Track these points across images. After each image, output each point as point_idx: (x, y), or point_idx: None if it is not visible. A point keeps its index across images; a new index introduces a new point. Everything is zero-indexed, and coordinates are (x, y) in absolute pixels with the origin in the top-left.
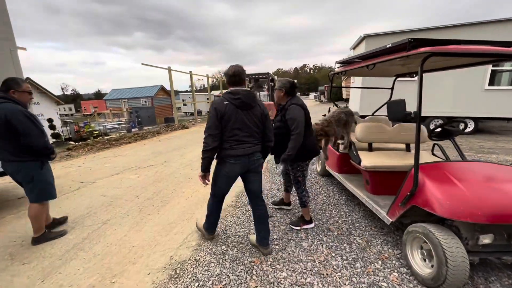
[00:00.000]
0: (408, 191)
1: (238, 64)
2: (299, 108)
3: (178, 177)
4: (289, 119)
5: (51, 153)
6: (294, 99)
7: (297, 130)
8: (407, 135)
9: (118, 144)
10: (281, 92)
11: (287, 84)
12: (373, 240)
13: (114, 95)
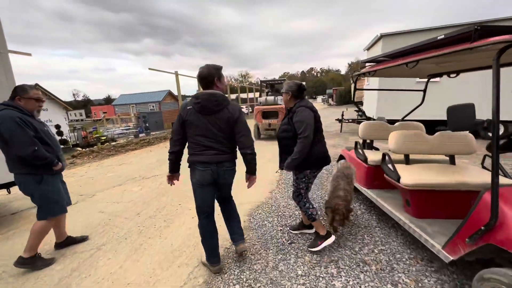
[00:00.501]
0: (481, 223)
1: (207, 65)
2: (308, 110)
3: (185, 190)
4: (296, 121)
5: (50, 164)
6: (303, 102)
7: (305, 134)
8: (451, 145)
9: (124, 150)
10: (288, 96)
11: (294, 87)
12: (423, 279)
13: (122, 101)
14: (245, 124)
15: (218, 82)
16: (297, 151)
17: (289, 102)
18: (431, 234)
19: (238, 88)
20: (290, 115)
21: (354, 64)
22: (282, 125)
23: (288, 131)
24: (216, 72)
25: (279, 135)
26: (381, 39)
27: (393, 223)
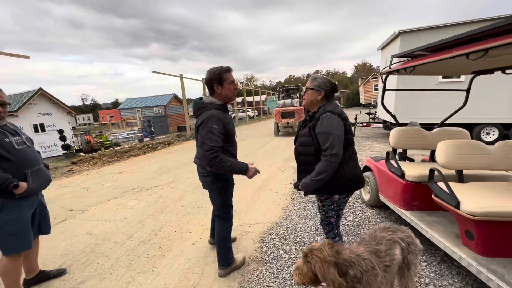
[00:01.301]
0: None
1: (211, 68)
2: (337, 118)
3: (186, 206)
4: (321, 133)
5: (5, 186)
6: (330, 106)
7: (332, 150)
8: None
9: (126, 156)
10: (318, 95)
11: (328, 84)
12: None
13: (128, 104)
14: (205, 133)
15: (218, 88)
16: (319, 170)
17: (315, 103)
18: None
19: (244, 91)
20: (311, 123)
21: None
22: (301, 136)
23: (309, 144)
24: (216, 77)
25: (297, 148)
26: (399, 36)
27: (439, 251)
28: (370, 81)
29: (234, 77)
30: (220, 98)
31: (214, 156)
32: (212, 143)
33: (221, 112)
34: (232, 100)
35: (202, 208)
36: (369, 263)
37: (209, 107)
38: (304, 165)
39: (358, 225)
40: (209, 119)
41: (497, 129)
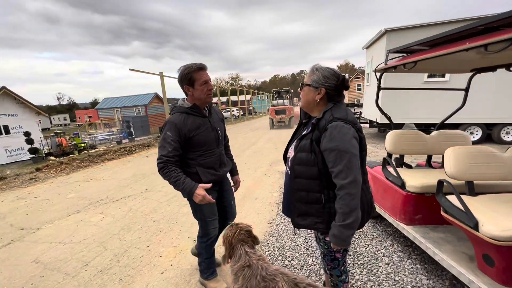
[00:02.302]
0: None
1: (181, 67)
2: (352, 130)
3: (158, 221)
4: (330, 150)
5: None
6: (340, 110)
7: (348, 177)
8: None
9: (100, 161)
10: (316, 93)
11: (331, 80)
12: None
13: (106, 104)
14: (160, 140)
15: (189, 89)
16: (345, 211)
17: (313, 105)
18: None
19: (228, 91)
20: (314, 134)
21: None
22: (299, 151)
23: (310, 164)
24: (185, 77)
25: (294, 168)
26: (385, 34)
27: (450, 276)
28: (353, 81)
29: (208, 76)
30: (192, 100)
31: (160, 166)
32: (161, 152)
33: (184, 116)
34: (206, 103)
35: (177, 223)
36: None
37: (174, 111)
38: (304, 192)
39: (352, 241)
40: (165, 125)
41: (480, 129)
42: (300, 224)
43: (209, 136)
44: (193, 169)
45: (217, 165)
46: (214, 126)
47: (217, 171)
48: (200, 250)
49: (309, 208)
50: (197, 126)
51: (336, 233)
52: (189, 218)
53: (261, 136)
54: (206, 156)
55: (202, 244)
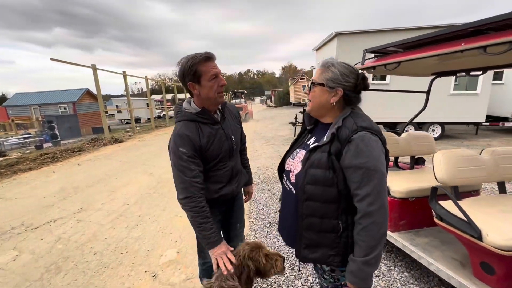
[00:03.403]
0: None
1: (183, 58)
2: (380, 143)
3: (101, 253)
4: (356, 168)
5: None
6: (362, 117)
7: (376, 203)
8: None
9: (11, 172)
10: (332, 95)
11: (351, 78)
12: None
13: (19, 101)
14: (173, 160)
15: (194, 87)
16: (370, 245)
17: (326, 110)
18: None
19: (174, 88)
20: (334, 146)
21: (287, 67)
22: (313, 167)
23: (326, 183)
24: (188, 71)
25: (304, 188)
26: (336, 37)
27: (436, 281)
28: (300, 82)
29: (218, 68)
30: (199, 101)
31: (186, 197)
32: (183, 176)
33: (196, 125)
34: (217, 104)
35: (128, 253)
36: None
37: (179, 116)
38: (317, 219)
39: None
40: (175, 139)
41: (440, 126)
42: (309, 257)
43: (222, 148)
44: None
45: (226, 179)
46: (228, 134)
47: (225, 187)
48: (200, 274)
49: (322, 238)
50: (207, 138)
51: (355, 270)
52: (144, 244)
53: None
54: (213, 171)
55: (199, 266)
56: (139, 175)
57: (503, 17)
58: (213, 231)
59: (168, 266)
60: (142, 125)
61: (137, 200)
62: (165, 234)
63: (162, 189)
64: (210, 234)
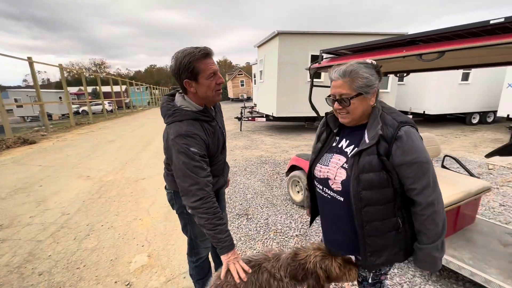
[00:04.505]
0: None
1: (179, 52)
2: (419, 135)
3: (49, 272)
4: (410, 164)
5: None
6: (393, 110)
7: (434, 193)
8: (429, 149)
9: None
10: (371, 97)
11: (375, 72)
12: None
13: None
14: (180, 160)
15: (191, 85)
16: (435, 232)
17: (367, 114)
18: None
19: (97, 79)
20: (382, 147)
21: (222, 62)
22: (363, 171)
23: (382, 185)
24: (185, 68)
25: (360, 195)
26: (278, 36)
27: None
28: (237, 77)
29: (216, 65)
30: (196, 99)
31: (201, 196)
32: (197, 175)
33: (199, 123)
34: (214, 102)
35: (86, 267)
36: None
37: (178, 115)
38: (378, 222)
39: (303, 233)
40: (183, 140)
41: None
42: (376, 264)
43: (218, 143)
44: None
45: (220, 172)
46: (221, 129)
47: (219, 179)
48: (191, 271)
49: (386, 240)
50: (211, 135)
51: (426, 257)
52: (104, 254)
53: (155, 135)
54: (211, 166)
55: (191, 264)
56: (73, 180)
57: (433, 32)
58: (229, 234)
59: (142, 272)
60: (56, 122)
61: (79, 208)
62: (127, 240)
63: (108, 193)
64: (226, 237)
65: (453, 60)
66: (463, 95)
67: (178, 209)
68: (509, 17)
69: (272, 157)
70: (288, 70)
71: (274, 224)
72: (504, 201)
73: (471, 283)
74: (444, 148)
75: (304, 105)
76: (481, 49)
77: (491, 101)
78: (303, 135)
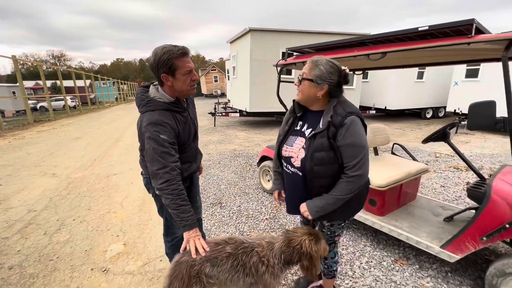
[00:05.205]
0: (497, 219)
1: (157, 48)
2: (362, 124)
3: (18, 266)
4: (349, 146)
5: None
6: (348, 104)
7: (359, 170)
8: (377, 138)
9: None
10: (319, 90)
11: (334, 76)
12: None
13: None
14: (150, 146)
15: (167, 79)
16: (341, 195)
17: (313, 101)
18: (424, 236)
19: (58, 73)
20: (331, 131)
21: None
22: (316, 151)
23: (330, 162)
24: (163, 63)
25: (313, 169)
26: (250, 32)
27: None
28: (210, 72)
29: (192, 63)
30: (171, 92)
31: (167, 178)
32: (165, 160)
33: (170, 113)
34: (187, 95)
35: (59, 258)
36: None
37: (151, 106)
38: (323, 188)
39: (275, 217)
40: (150, 127)
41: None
42: (321, 218)
43: (190, 132)
44: None
45: (192, 158)
46: (193, 119)
47: (191, 165)
48: (167, 250)
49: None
50: (182, 125)
51: (323, 203)
52: (78, 246)
53: (125, 131)
54: (183, 153)
55: (167, 243)
56: (37, 178)
57: (379, 35)
58: (192, 214)
59: (118, 259)
60: (9, 119)
61: (46, 205)
62: (101, 231)
63: (77, 189)
64: (188, 216)
65: (396, 60)
66: (419, 92)
67: (153, 192)
68: (432, 25)
69: (245, 151)
70: (260, 66)
71: (246, 210)
72: (445, 183)
73: (410, 248)
74: (401, 140)
75: (276, 101)
76: (416, 51)
77: (441, 97)
78: (276, 130)
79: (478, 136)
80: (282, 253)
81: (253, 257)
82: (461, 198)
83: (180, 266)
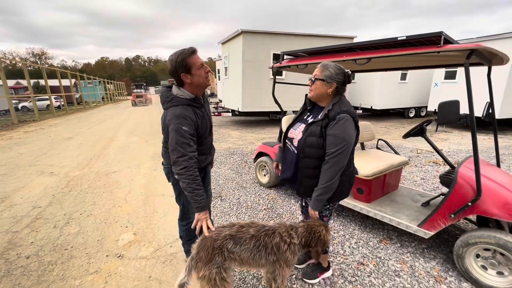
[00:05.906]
0: (461, 199)
1: (172, 55)
2: (354, 124)
3: (35, 255)
4: (333, 135)
5: None
6: (345, 103)
7: (335, 158)
8: (364, 134)
9: None
10: (329, 88)
11: (340, 76)
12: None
13: None
14: (173, 136)
15: (187, 77)
16: (325, 183)
17: (324, 97)
18: (404, 218)
19: (42, 71)
20: (324, 122)
21: None
22: (310, 135)
23: (318, 146)
24: (179, 65)
25: (304, 149)
26: (242, 34)
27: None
28: None
29: (201, 59)
30: (191, 88)
31: (185, 165)
32: (185, 149)
33: (191, 108)
34: (206, 86)
35: (74, 247)
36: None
37: (175, 101)
38: (311, 170)
39: (270, 207)
40: (174, 120)
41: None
42: (306, 194)
43: (206, 126)
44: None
45: (208, 151)
46: (208, 115)
47: (208, 157)
48: (181, 233)
49: (314, 182)
50: (200, 119)
51: (316, 199)
52: (89, 236)
53: (117, 131)
54: (200, 145)
55: (182, 227)
56: (35, 177)
57: (365, 43)
58: (204, 198)
59: (130, 247)
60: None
61: (51, 201)
62: (109, 224)
63: (79, 186)
64: (201, 199)
65: (379, 64)
66: (402, 93)
67: (173, 181)
68: (409, 35)
69: (240, 149)
70: (252, 67)
71: (245, 202)
72: (425, 176)
73: (393, 230)
74: (386, 138)
75: (268, 101)
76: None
77: (423, 98)
78: (267, 129)
79: (456, 134)
80: (303, 237)
81: (276, 237)
82: (439, 188)
83: (206, 240)
